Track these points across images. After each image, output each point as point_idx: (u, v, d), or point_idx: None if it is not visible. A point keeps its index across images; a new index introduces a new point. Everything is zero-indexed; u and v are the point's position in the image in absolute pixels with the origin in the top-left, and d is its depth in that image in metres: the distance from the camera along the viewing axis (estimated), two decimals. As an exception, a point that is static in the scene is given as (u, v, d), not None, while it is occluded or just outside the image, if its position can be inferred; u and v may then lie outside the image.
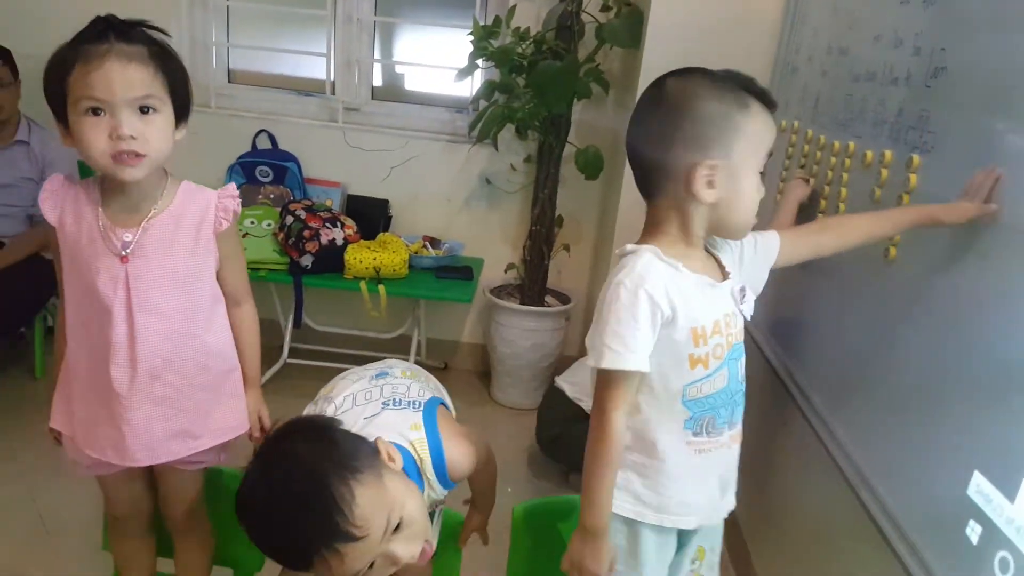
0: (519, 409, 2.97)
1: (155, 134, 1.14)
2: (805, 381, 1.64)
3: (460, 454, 1.18)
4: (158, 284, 1.20)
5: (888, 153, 1.35)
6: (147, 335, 1.20)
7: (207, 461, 1.37)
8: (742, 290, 1.09)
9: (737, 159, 1.03)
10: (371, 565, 0.98)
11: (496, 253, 3.06)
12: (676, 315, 1.03)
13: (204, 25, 3.02)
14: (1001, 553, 0.96)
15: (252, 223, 2.76)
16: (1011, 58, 1.06)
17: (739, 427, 1.15)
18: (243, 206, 2.88)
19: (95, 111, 1.10)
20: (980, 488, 1.02)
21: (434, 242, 2.99)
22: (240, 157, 2.97)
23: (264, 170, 2.95)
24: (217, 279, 1.31)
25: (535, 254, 2.88)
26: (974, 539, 1.02)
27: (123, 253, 1.18)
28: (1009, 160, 1.05)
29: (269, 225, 2.76)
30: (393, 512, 0.98)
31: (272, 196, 2.95)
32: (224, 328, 1.33)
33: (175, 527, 1.44)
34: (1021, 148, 1.03)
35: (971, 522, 1.02)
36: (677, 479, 1.10)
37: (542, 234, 2.85)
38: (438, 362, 3.21)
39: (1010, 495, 0.95)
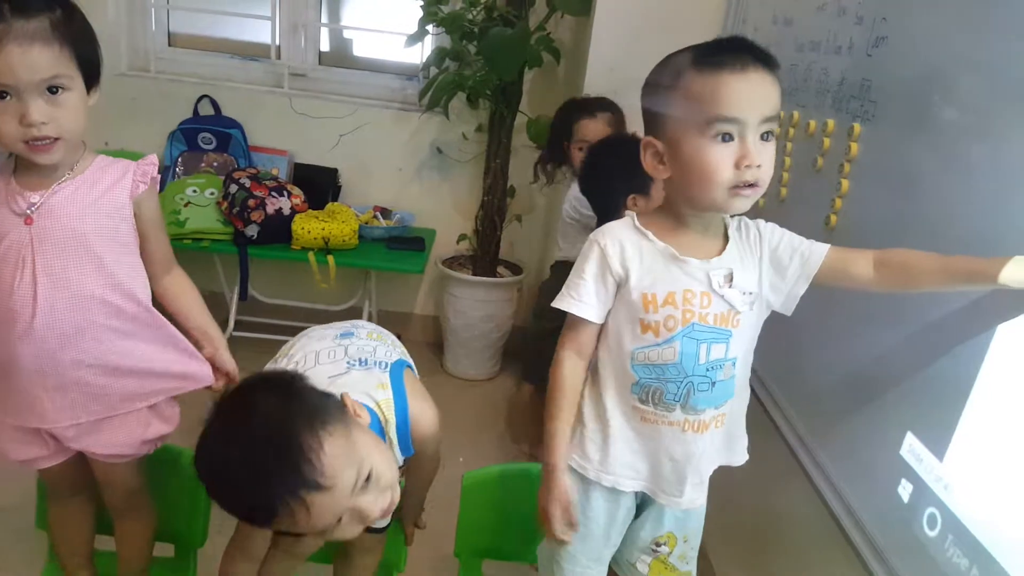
0: (472, 380, 2.98)
1: (67, 114, 1.08)
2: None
3: (425, 416, 1.16)
4: (65, 248, 1.14)
5: (831, 122, 1.37)
6: (53, 302, 1.13)
7: (139, 452, 1.31)
8: (728, 276, 1.05)
9: (673, 132, 1.02)
10: (339, 521, 0.96)
11: (448, 223, 3.03)
12: (628, 277, 1.06)
13: (142, -15, 2.90)
14: (930, 510, 0.99)
15: (194, 192, 2.67)
16: (951, 28, 1.08)
17: (704, 418, 1.08)
18: (185, 174, 2.88)
19: (0, 95, 1.04)
20: (912, 448, 1.05)
21: (385, 212, 2.95)
22: (181, 124, 2.87)
23: (206, 137, 2.86)
24: (142, 254, 1.25)
25: (487, 224, 2.86)
26: (905, 497, 1.05)
27: (28, 213, 1.12)
28: (943, 129, 1.07)
29: (212, 194, 2.68)
30: (362, 465, 0.96)
31: (215, 164, 2.87)
32: (141, 303, 1.25)
33: (115, 509, 1.40)
34: (954, 117, 1.05)
35: (903, 481, 1.06)
36: (622, 440, 1.11)
37: (494, 204, 2.83)
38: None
39: (939, 454, 0.99)
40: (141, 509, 1.41)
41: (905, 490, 1.05)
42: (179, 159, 2.87)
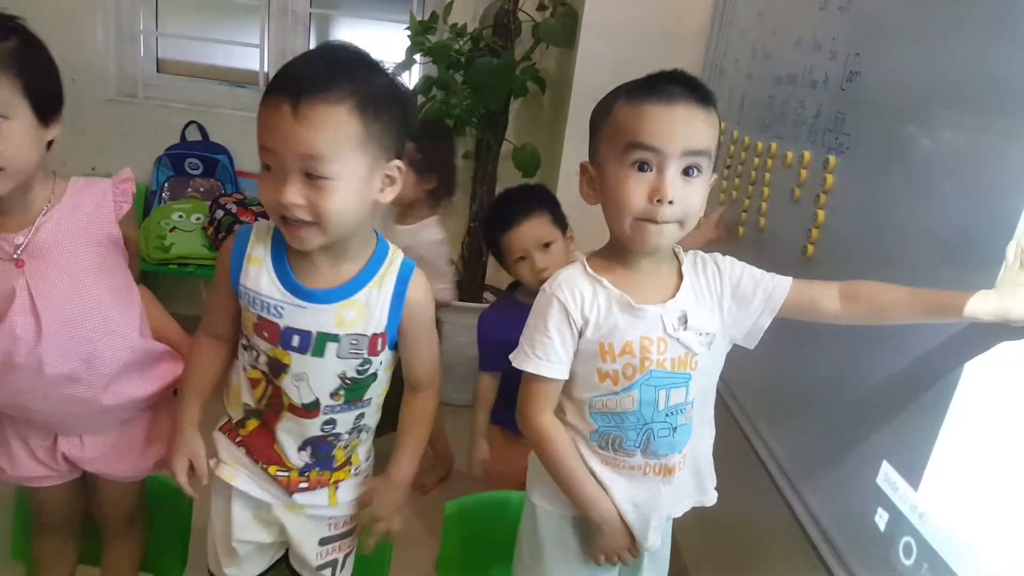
0: (456, 405, 2.96)
1: (8, 145, 1.04)
2: (733, 383, 1.66)
3: (425, 281, 1.10)
4: (64, 283, 1.12)
5: (807, 154, 1.39)
6: (59, 341, 1.12)
7: (142, 473, 1.32)
8: (683, 318, 1.02)
9: (600, 159, 1.01)
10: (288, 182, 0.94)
11: (434, 249, 3.03)
12: (587, 327, 1.03)
13: (131, 13, 2.92)
14: (905, 538, 1.00)
15: (180, 217, 2.68)
16: (920, 64, 1.10)
17: (669, 463, 1.06)
18: (171, 199, 2.88)
19: None
20: (888, 477, 1.05)
21: (371, 238, 2.95)
22: (168, 149, 2.88)
23: (193, 162, 2.87)
24: None
25: (473, 251, 2.87)
26: (882, 526, 1.05)
27: (17, 256, 1.10)
28: (916, 162, 1.09)
29: (198, 219, 2.68)
30: (357, 163, 0.96)
31: (202, 189, 2.88)
32: (142, 320, 1.26)
33: (108, 531, 1.39)
34: (927, 150, 1.07)
35: (879, 510, 1.06)
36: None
37: (480, 231, 2.85)
38: (375, 359, 3.17)
39: (914, 484, 0.99)
40: (134, 535, 1.41)
41: (882, 519, 1.06)
42: (165, 184, 2.87)
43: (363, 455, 1.21)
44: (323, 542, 1.21)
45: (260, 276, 1.05)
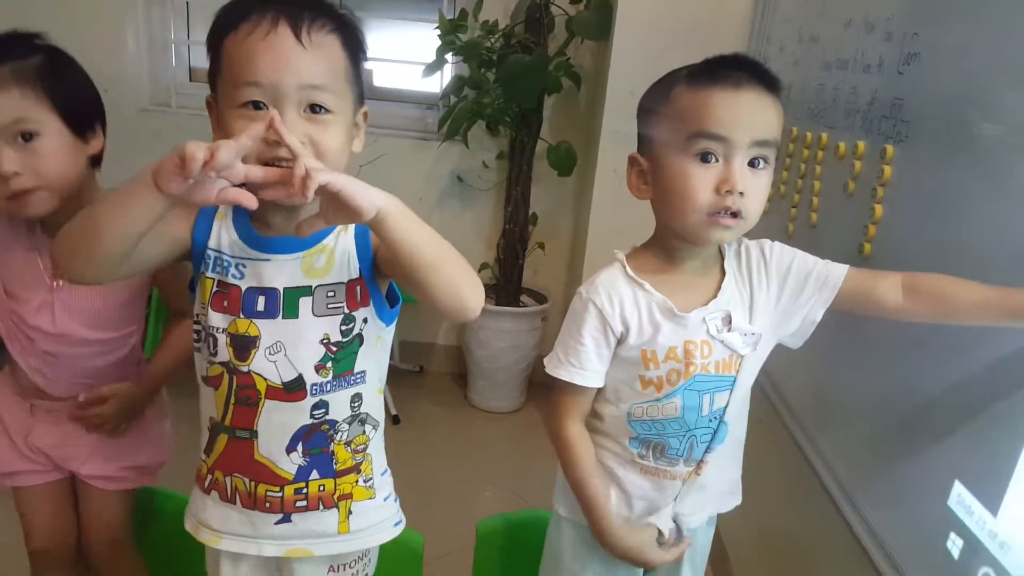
0: (497, 412, 2.91)
1: (44, 161, 1.01)
2: (788, 392, 1.58)
3: None
4: (87, 317, 1.13)
5: (861, 144, 1.29)
6: (69, 365, 1.14)
7: (130, 480, 1.27)
8: (726, 319, 0.98)
9: (657, 149, 0.96)
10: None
11: (470, 253, 2.92)
12: (628, 334, 0.99)
13: (162, 22, 2.93)
14: (984, 569, 0.90)
15: (215, 226, 2.68)
16: (986, 42, 1.01)
17: (701, 465, 1.03)
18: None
19: None
20: (961, 499, 0.96)
21: (406, 242, 2.91)
22: (202, 158, 2.89)
23: (227, 171, 2.87)
24: (162, 296, 1.25)
25: (509, 253, 2.81)
26: (955, 553, 0.96)
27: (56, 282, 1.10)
28: (983, 150, 0.99)
29: (233, 228, 2.68)
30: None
31: (236, 198, 2.87)
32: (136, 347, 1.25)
33: (99, 562, 1.31)
34: (996, 136, 0.97)
35: (952, 535, 0.97)
36: (623, 484, 1.05)
37: (516, 232, 2.78)
38: (413, 365, 3.13)
39: (992, 508, 0.90)
40: (128, 566, 1.33)
41: (955, 545, 0.96)
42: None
43: (376, 464, 1.05)
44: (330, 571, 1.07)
45: (222, 232, 0.95)
